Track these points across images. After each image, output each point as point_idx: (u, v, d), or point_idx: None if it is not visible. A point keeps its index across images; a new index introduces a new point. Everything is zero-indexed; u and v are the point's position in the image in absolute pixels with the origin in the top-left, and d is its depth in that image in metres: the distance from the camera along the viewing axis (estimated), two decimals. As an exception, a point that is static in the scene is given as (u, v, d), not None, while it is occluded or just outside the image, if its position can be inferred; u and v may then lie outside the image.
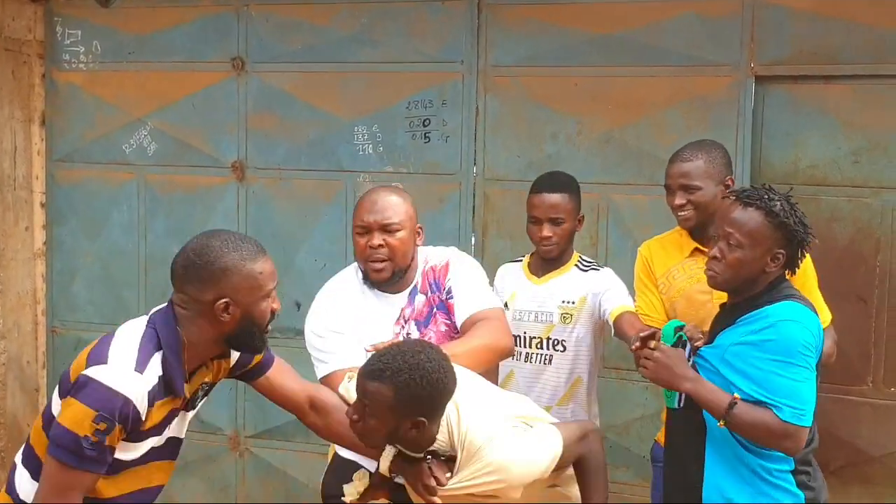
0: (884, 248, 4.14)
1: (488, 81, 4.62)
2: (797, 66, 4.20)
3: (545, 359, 3.56)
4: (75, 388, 2.35)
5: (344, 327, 3.07)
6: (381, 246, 3.05)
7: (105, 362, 2.36)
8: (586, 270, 3.61)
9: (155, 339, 2.42)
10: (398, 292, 3.15)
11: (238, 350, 2.63)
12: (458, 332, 3.10)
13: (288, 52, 4.88)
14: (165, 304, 2.52)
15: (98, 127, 5.21)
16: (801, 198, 4.09)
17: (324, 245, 4.89)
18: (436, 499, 2.59)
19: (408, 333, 3.09)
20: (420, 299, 3.13)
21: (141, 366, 2.36)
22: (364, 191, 4.69)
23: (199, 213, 5.07)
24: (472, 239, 4.71)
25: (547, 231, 3.53)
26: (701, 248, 3.32)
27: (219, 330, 2.46)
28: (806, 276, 3.34)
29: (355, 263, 3.20)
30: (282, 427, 5.00)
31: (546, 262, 3.61)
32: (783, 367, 2.65)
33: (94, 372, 2.35)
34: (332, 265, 4.81)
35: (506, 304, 3.60)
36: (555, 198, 3.55)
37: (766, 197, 2.80)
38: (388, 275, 3.09)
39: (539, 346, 3.58)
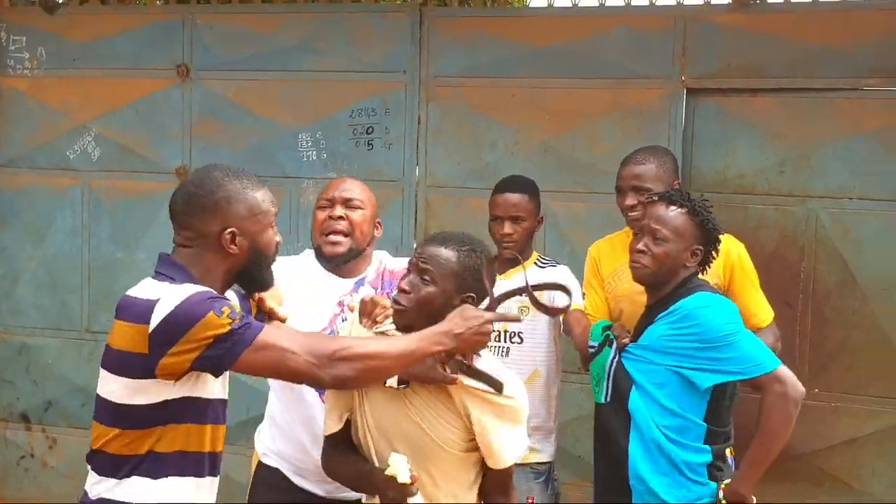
0: (808, 254, 4.31)
1: (430, 91, 4.73)
2: (726, 79, 4.36)
3: (503, 351, 3.63)
4: (169, 329, 2.21)
5: (285, 292, 2.86)
6: (341, 218, 3.08)
7: (161, 296, 2.24)
8: (544, 267, 3.71)
9: (172, 281, 2.32)
10: (345, 277, 3.15)
11: (247, 287, 2.53)
12: None
13: (233, 59, 4.94)
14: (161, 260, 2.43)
15: (42, 133, 5.22)
16: (729, 206, 4.33)
17: (268, 250, 4.94)
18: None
19: (343, 320, 3.07)
20: (366, 291, 3.09)
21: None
22: (307, 197, 4.84)
23: (143, 218, 5.09)
24: (414, 244, 4.80)
25: (508, 228, 3.63)
26: None
27: (228, 264, 2.38)
28: (746, 275, 3.53)
29: (310, 249, 3.25)
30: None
31: (507, 260, 3.68)
32: (720, 349, 2.86)
33: (166, 302, 2.22)
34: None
35: None
36: (515, 197, 3.68)
37: (687, 198, 3.02)
38: (343, 250, 3.09)
39: (497, 338, 3.65)
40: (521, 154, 4.64)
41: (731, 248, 3.55)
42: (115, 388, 2.30)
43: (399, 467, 2.48)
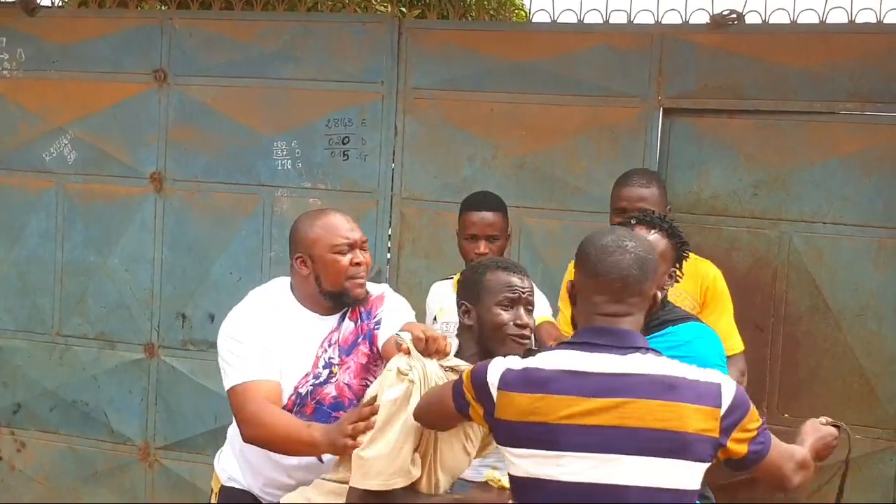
0: (780, 277, 4.28)
1: (407, 103, 4.70)
2: (703, 99, 4.34)
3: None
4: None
5: (267, 339, 2.90)
6: (364, 263, 2.98)
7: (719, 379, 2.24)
8: None
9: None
10: (331, 314, 3.02)
11: None
12: (377, 363, 3.04)
13: (210, 66, 4.91)
14: None
15: (19, 134, 5.19)
16: (703, 227, 4.32)
17: (240, 259, 4.92)
18: None
19: (329, 358, 2.97)
20: (348, 326, 3.01)
21: None
22: (281, 205, 4.82)
23: (117, 222, 5.07)
24: (388, 256, 4.78)
25: (484, 248, 3.60)
26: None
27: None
28: (720, 300, 3.54)
29: (284, 278, 3.10)
30: (192, 439, 5.02)
31: None
32: None
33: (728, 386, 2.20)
34: (247, 279, 4.85)
35: (435, 318, 3.67)
36: (491, 216, 3.66)
37: (662, 220, 3.02)
38: (365, 292, 3.02)
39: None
40: (497, 169, 4.61)
41: (709, 270, 3.58)
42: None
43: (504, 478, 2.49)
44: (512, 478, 2.23)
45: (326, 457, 2.91)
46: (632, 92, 4.40)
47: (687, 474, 2.11)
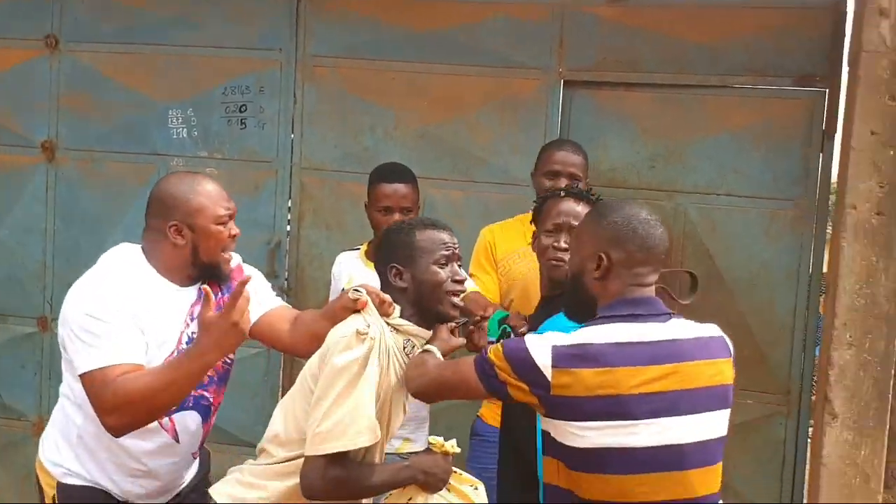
0: (675, 249, 4.34)
1: (307, 71, 4.63)
2: (602, 72, 4.37)
3: None
4: None
5: (133, 315, 2.64)
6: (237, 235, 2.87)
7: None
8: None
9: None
10: (189, 286, 2.81)
11: None
12: None
13: (104, 32, 4.77)
14: None
15: None
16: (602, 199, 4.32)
17: (136, 230, 4.66)
18: None
19: (192, 333, 2.73)
20: (207, 299, 2.67)
21: None
22: (178, 175, 4.70)
23: (7, 193, 4.91)
24: (288, 227, 4.72)
25: (398, 220, 3.56)
26: None
27: None
28: None
29: (131, 245, 2.85)
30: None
31: None
32: None
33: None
34: (143, 250, 4.75)
35: (343, 290, 3.63)
36: (405, 188, 3.64)
37: (589, 193, 3.06)
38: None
39: None
40: (399, 139, 4.58)
41: None
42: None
43: (449, 443, 2.56)
44: (572, 449, 2.26)
45: (184, 435, 2.80)
46: (533, 63, 4.41)
47: (725, 422, 2.37)
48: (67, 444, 2.78)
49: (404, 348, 2.62)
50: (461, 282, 2.65)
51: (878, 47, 3.72)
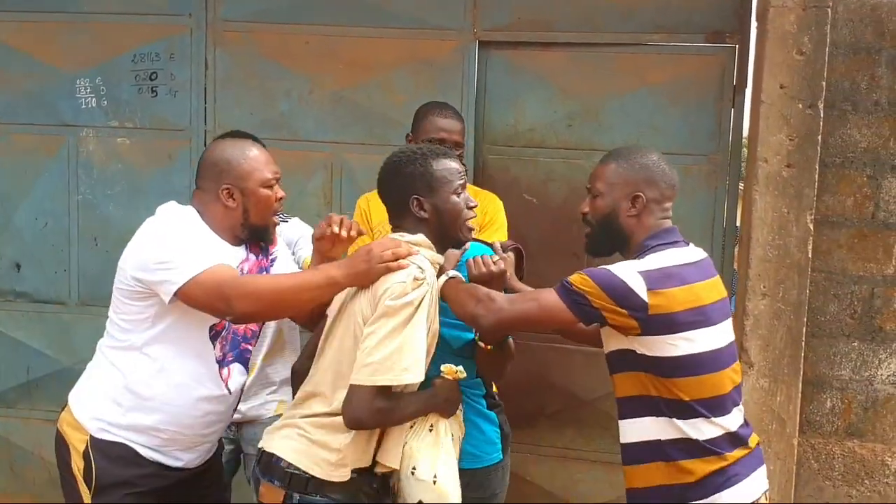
0: (594, 206, 4.40)
1: (218, 36, 4.54)
2: (517, 32, 4.36)
3: None
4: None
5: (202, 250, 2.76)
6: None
7: None
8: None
9: None
10: (239, 245, 2.94)
11: None
12: None
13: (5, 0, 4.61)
14: None
15: None
16: (521, 159, 4.38)
17: (45, 203, 4.69)
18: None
19: None
20: (251, 258, 2.96)
21: None
22: (87, 146, 4.59)
23: None
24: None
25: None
26: None
27: None
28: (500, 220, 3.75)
29: (183, 206, 2.92)
30: (3, 394, 4.79)
31: None
32: None
33: None
34: (54, 224, 4.64)
35: (293, 253, 3.57)
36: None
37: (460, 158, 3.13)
38: None
39: None
40: (315, 104, 4.53)
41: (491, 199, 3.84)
42: None
43: (458, 367, 2.69)
44: (666, 359, 2.58)
45: (233, 386, 2.89)
46: (448, 24, 4.39)
47: None
48: (110, 396, 2.83)
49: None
50: (473, 208, 2.78)
51: (784, 2, 3.81)
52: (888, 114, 3.96)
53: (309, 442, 2.62)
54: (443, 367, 2.69)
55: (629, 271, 2.57)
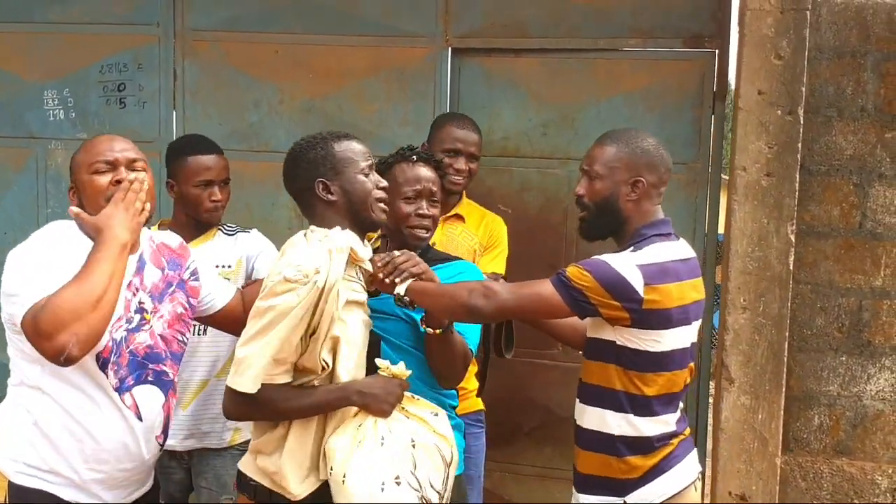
0: (570, 216, 4.26)
1: (186, 45, 4.46)
2: (490, 38, 4.26)
3: (200, 330, 3.29)
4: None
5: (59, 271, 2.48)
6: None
7: None
8: (233, 234, 3.48)
9: None
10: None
11: None
12: (191, 316, 2.87)
13: (-31, 9, 4.54)
14: None
15: None
16: (495, 169, 4.27)
17: (14, 216, 4.62)
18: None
19: (140, 303, 2.67)
20: (153, 272, 2.73)
21: None
22: (55, 158, 4.52)
23: None
24: (173, 209, 4.53)
25: (218, 195, 3.42)
26: None
27: None
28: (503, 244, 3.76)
29: (60, 222, 2.72)
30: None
31: (194, 230, 3.44)
32: None
33: None
34: (22, 238, 4.50)
35: (253, 268, 3.47)
36: (220, 161, 3.50)
37: (430, 156, 3.02)
38: None
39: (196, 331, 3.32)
40: (285, 114, 4.45)
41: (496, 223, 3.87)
42: None
43: (397, 366, 2.59)
44: (647, 354, 2.61)
45: (146, 412, 2.68)
46: (419, 31, 4.28)
47: None
48: (21, 435, 2.61)
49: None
50: (385, 188, 2.69)
51: (762, 5, 3.67)
52: (874, 119, 3.79)
53: (257, 465, 2.62)
54: (378, 362, 2.60)
55: (627, 264, 2.55)
